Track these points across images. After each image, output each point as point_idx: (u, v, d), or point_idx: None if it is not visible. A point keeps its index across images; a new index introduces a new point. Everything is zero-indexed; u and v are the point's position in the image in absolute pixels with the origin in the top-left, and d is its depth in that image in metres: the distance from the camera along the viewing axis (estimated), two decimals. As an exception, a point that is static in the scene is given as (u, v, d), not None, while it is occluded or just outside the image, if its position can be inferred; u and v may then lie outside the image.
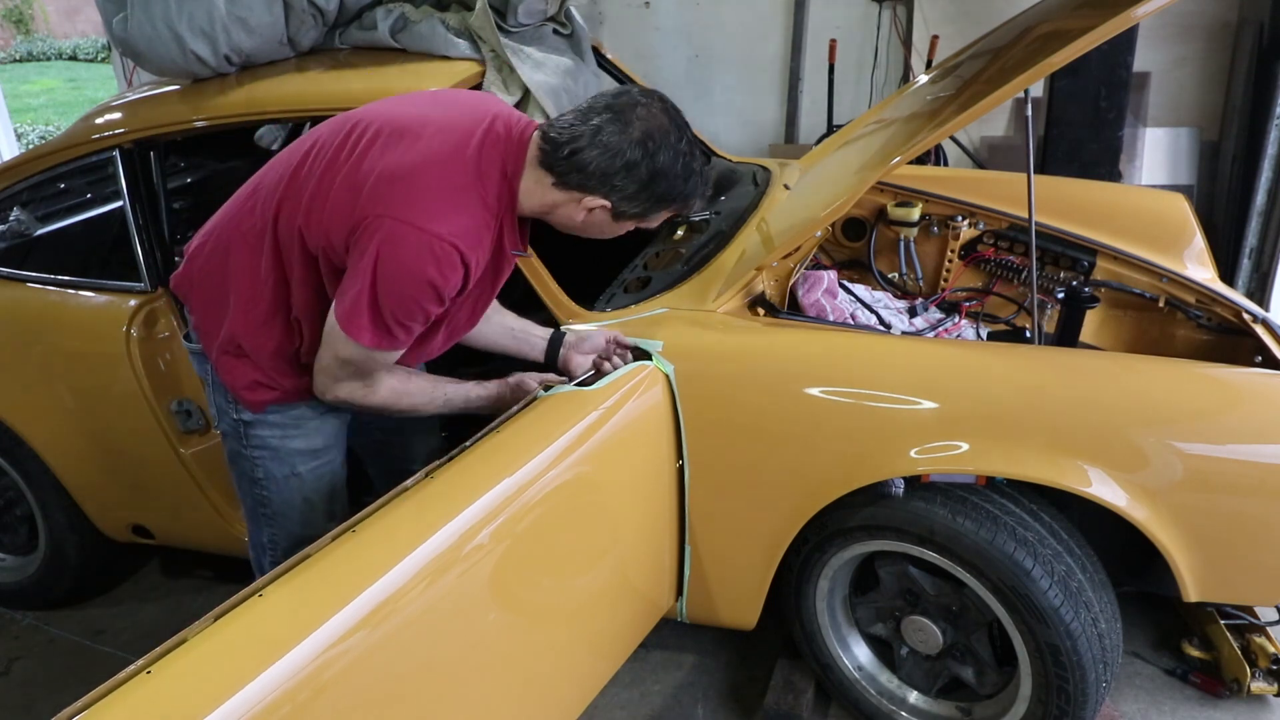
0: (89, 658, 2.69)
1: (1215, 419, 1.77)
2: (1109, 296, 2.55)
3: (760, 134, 5.09)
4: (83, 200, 2.99)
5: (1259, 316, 2.21)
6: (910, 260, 2.84)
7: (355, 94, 2.23)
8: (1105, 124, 3.77)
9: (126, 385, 2.40)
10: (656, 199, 1.60)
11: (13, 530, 2.86)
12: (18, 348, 2.57)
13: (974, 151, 4.49)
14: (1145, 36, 3.86)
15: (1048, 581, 1.78)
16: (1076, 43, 1.69)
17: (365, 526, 1.41)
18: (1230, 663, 2.16)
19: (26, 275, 2.59)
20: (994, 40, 2.43)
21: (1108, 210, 2.62)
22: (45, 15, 14.04)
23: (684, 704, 2.35)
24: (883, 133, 2.40)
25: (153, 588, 2.98)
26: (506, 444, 1.63)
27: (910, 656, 2.12)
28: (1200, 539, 1.74)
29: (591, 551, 1.81)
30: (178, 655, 1.18)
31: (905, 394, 1.82)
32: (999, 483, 1.86)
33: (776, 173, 2.75)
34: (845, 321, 2.42)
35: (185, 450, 2.46)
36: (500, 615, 1.57)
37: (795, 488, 1.91)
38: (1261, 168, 3.63)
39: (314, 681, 1.22)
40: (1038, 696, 1.90)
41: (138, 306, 2.39)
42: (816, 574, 2.06)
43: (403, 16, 2.41)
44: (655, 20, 5.07)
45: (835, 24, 4.76)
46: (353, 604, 1.29)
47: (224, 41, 2.29)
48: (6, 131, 5.41)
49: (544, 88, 2.31)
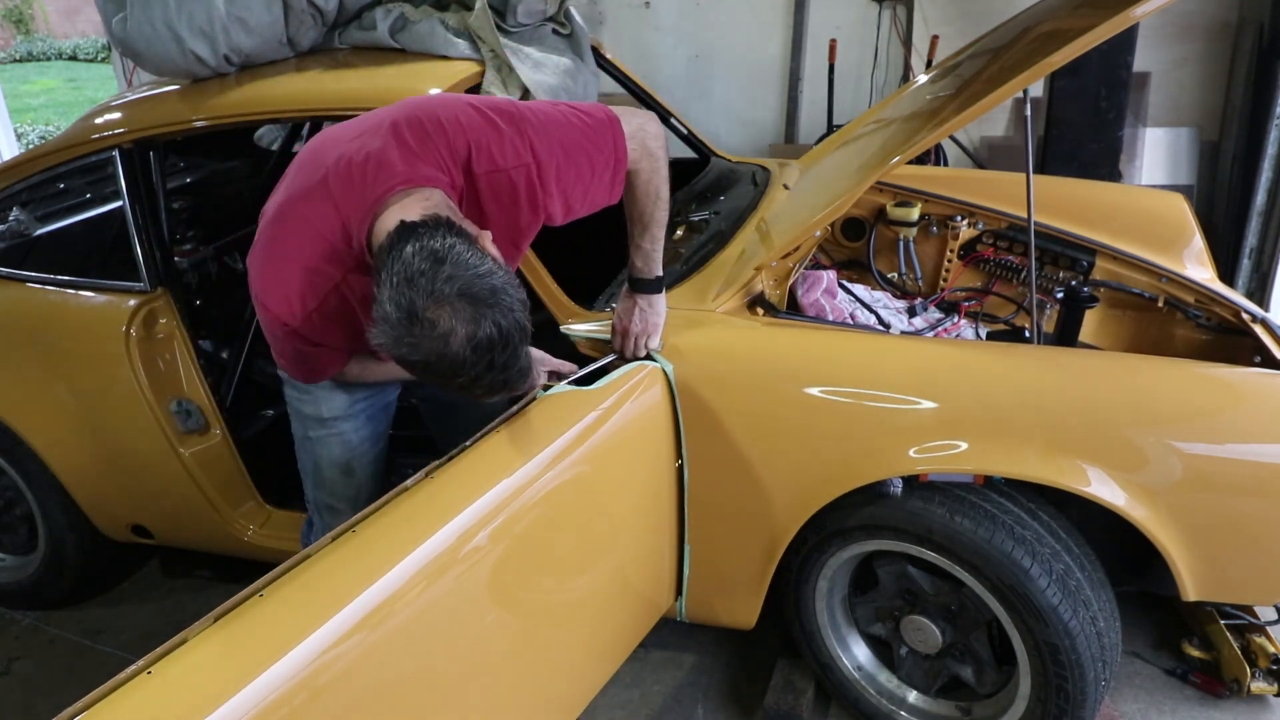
0: (89, 658, 2.69)
1: (1214, 418, 1.78)
2: (1108, 296, 2.55)
3: (760, 134, 5.09)
4: (82, 200, 2.99)
5: (1258, 316, 2.21)
6: (909, 260, 2.84)
7: (355, 94, 2.23)
8: (1105, 124, 3.77)
9: (126, 385, 2.40)
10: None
11: (12, 530, 2.86)
12: (18, 348, 2.58)
13: (974, 151, 4.49)
14: (1145, 36, 3.86)
15: (1046, 580, 1.78)
16: (1076, 42, 1.69)
17: (365, 526, 1.41)
18: (1230, 663, 2.16)
19: (26, 275, 2.59)
20: (994, 40, 2.43)
21: (1107, 210, 2.62)
22: (45, 15, 14.05)
23: (684, 704, 2.35)
24: (882, 133, 2.40)
25: (153, 588, 2.98)
26: (505, 444, 1.63)
27: (909, 656, 2.12)
28: (1199, 538, 1.74)
29: (591, 551, 1.81)
30: (178, 655, 1.18)
31: (904, 394, 1.82)
32: (997, 482, 1.86)
33: (776, 173, 2.75)
34: (844, 321, 2.43)
35: (185, 450, 2.47)
36: (499, 615, 1.57)
37: (794, 487, 1.91)
38: (1261, 168, 3.63)
39: (314, 681, 1.22)
40: (1037, 695, 1.90)
41: (137, 306, 2.39)
42: (816, 574, 2.06)
43: (402, 16, 2.41)
44: (655, 20, 5.07)
45: (835, 24, 4.76)
46: (353, 604, 1.29)
47: (223, 41, 2.29)
48: (6, 131, 5.41)
49: (543, 88, 2.31)
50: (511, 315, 1.36)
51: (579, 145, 1.61)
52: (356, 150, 1.54)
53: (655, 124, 1.75)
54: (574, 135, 1.61)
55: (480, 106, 1.59)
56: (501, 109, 1.60)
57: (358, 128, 1.62)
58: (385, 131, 1.54)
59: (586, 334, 2.04)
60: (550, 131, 1.59)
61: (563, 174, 1.59)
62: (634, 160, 1.70)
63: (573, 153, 1.60)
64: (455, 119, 1.55)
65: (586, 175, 1.63)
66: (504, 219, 1.59)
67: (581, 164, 1.62)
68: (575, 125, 1.62)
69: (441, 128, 1.53)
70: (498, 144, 1.54)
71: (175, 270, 2.51)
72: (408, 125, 1.54)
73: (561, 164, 1.58)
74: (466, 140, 1.54)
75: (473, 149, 1.54)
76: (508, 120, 1.57)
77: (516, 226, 1.61)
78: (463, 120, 1.55)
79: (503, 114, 1.58)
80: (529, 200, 1.57)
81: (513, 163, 1.55)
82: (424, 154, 1.51)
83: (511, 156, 1.55)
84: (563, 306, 2.12)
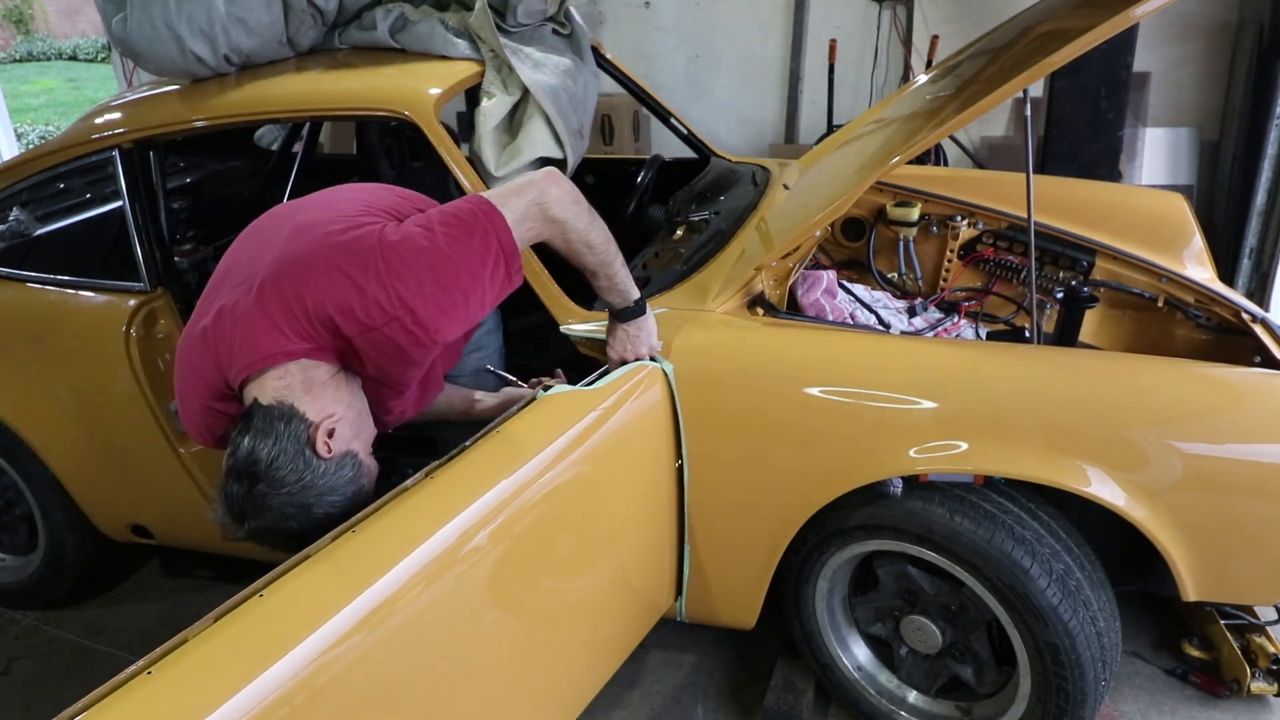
0: (89, 658, 2.69)
1: (1214, 418, 1.77)
2: (1108, 296, 2.55)
3: (760, 134, 5.09)
4: (82, 200, 2.99)
5: (1258, 316, 2.21)
6: (909, 260, 2.84)
7: (355, 94, 2.23)
8: (1105, 124, 3.77)
9: (126, 385, 2.40)
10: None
11: (12, 530, 2.86)
12: (18, 348, 2.57)
13: (974, 151, 4.49)
14: (1145, 36, 3.86)
15: (1046, 580, 1.78)
16: (1076, 42, 1.69)
17: (365, 526, 1.42)
18: (1230, 663, 2.16)
19: (26, 275, 2.59)
20: (994, 40, 2.43)
21: (1107, 210, 2.62)
22: (45, 15, 14.06)
23: (684, 704, 2.35)
24: (882, 132, 2.40)
25: (153, 588, 2.98)
26: (506, 444, 1.63)
27: (909, 656, 2.12)
28: (1199, 538, 1.74)
29: (591, 551, 1.81)
30: (178, 655, 1.18)
31: (904, 394, 1.82)
32: (997, 482, 1.86)
33: (776, 173, 2.75)
34: (844, 321, 2.43)
35: (185, 450, 2.47)
36: (499, 616, 1.57)
37: (794, 487, 1.91)
38: (1261, 168, 3.63)
39: (314, 681, 1.22)
40: (1037, 695, 1.90)
41: (137, 306, 2.39)
42: (816, 574, 2.06)
43: (402, 16, 2.41)
44: (655, 20, 5.07)
45: (835, 24, 4.76)
46: (353, 604, 1.30)
47: (223, 41, 2.29)
48: (6, 131, 5.41)
49: (543, 88, 2.31)
50: (329, 512, 1.52)
51: (456, 269, 1.56)
52: (232, 305, 1.55)
53: (552, 188, 1.68)
54: (448, 262, 1.56)
55: (343, 263, 1.53)
56: (367, 261, 1.53)
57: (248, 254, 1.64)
58: (255, 288, 1.55)
59: (586, 334, 2.04)
60: (420, 271, 1.54)
61: (444, 306, 1.55)
62: (535, 237, 1.68)
63: (450, 280, 1.56)
64: (315, 283, 1.52)
65: (475, 289, 1.59)
66: (395, 361, 1.58)
67: (464, 283, 1.57)
68: (446, 251, 1.56)
69: (301, 295, 1.51)
70: (361, 305, 1.51)
71: (175, 270, 2.51)
72: (271, 291, 1.53)
73: (439, 298, 1.54)
74: (328, 309, 1.51)
75: (335, 315, 1.51)
76: (371, 275, 1.52)
77: (411, 362, 1.60)
78: (322, 284, 1.52)
79: (367, 268, 1.53)
80: (412, 344, 1.55)
81: (380, 321, 1.51)
82: (285, 322, 1.51)
83: (378, 315, 1.51)
84: (563, 306, 2.12)
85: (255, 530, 1.51)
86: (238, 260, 1.67)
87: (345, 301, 1.51)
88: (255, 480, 1.48)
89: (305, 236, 1.61)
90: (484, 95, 2.30)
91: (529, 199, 1.66)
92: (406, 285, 1.52)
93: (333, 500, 1.53)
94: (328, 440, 1.52)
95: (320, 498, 1.51)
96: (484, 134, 2.25)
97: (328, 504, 1.52)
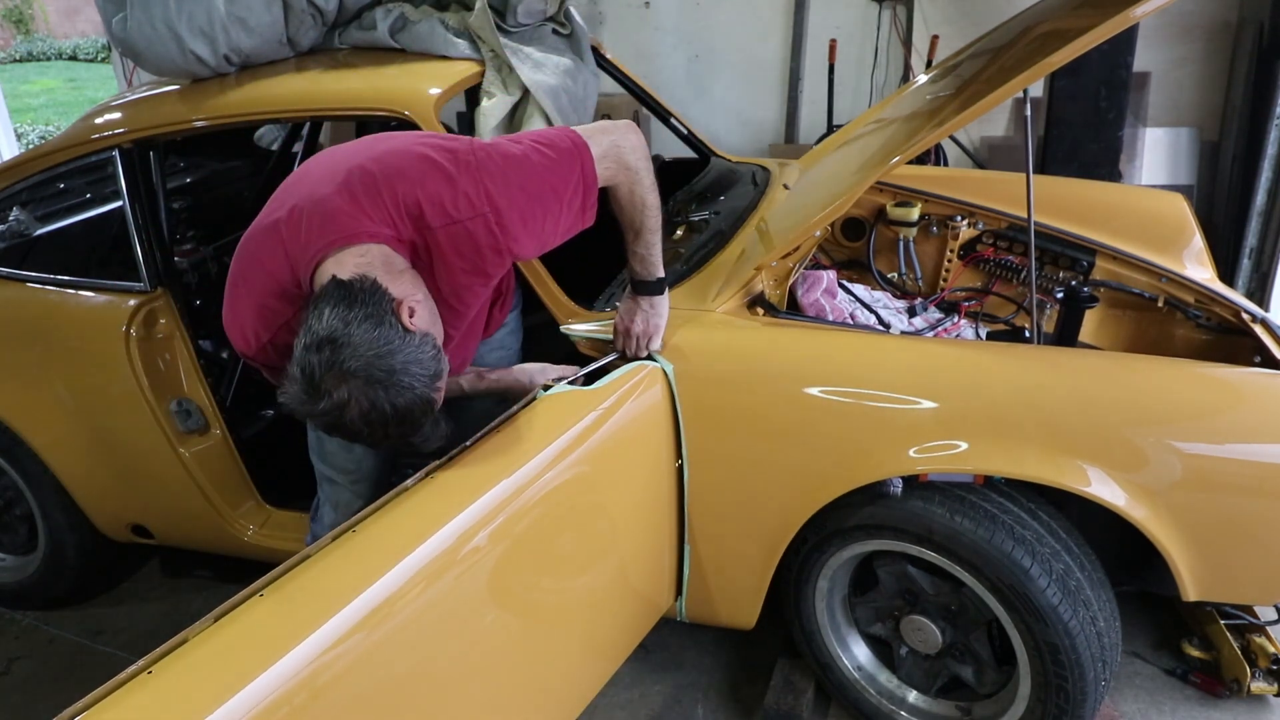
0: (89, 658, 2.69)
1: (1214, 418, 1.77)
2: (1108, 296, 2.55)
3: (760, 134, 5.09)
4: (82, 200, 2.99)
5: (1258, 316, 2.21)
6: (909, 260, 2.84)
7: (355, 94, 2.23)
8: (1105, 124, 3.77)
9: (126, 385, 2.40)
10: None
11: (13, 530, 2.86)
12: (18, 348, 2.58)
13: (974, 151, 4.49)
14: (1145, 36, 3.86)
15: (1046, 580, 1.78)
16: (1076, 42, 1.69)
17: (365, 526, 1.42)
18: (1230, 663, 2.16)
19: (26, 275, 2.59)
20: (994, 40, 2.43)
21: (1107, 210, 2.62)
22: (45, 15, 14.05)
23: (684, 704, 2.35)
24: (882, 132, 2.40)
25: (153, 588, 2.98)
26: (505, 444, 1.63)
27: (909, 656, 2.12)
28: (1199, 538, 1.74)
29: (591, 551, 1.81)
30: (178, 655, 1.18)
31: (904, 394, 1.82)
32: (997, 482, 1.86)
33: (776, 173, 2.75)
34: (844, 321, 2.43)
35: (185, 450, 2.47)
36: (499, 615, 1.57)
37: (794, 487, 1.91)
38: (1261, 168, 3.63)
39: (314, 681, 1.22)
40: (1037, 695, 1.90)
41: (137, 306, 2.39)
42: (816, 574, 2.06)
43: (402, 16, 2.41)
44: (655, 20, 5.07)
45: (835, 24, 4.76)
46: (353, 604, 1.30)
47: (223, 41, 2.29)
48: (6, 131, 5.42)
49: (543, 87, 2.31)
50: (410, 393, 1.43)
51: (542, 182, 1.60)
52: (308, 197, 1.55)
53: (631, 136, 1.73)
54: (535, 173, 1.60)
55: (436, 157, 1.57)
56: (460, 157, 1.57)
57: (323, 168, 1.63)
58: (339, 179, 1.55)
59: (586, 334, 2.04)
60: (509, 175, 1.57)
61: (526, 215, 1.58)
62: (610, 179, 1.70)
63: (535, 191, 1.59)
64: (408, 171, 1.54)
65: (555, 209, 1.62)
66: (467, 266, 1.59)
67: (547, 200, 1.60)
68: (536, 163, 1.60)
69: (391, 181, 1.53)
70: (450, 196, 1.53)
71: (175, 270, 2.51)
72: (359, 176, 1.54)
73: (523, 206, 1.57)
74: (417, 196, 1.52)
75: (424, 203, 1.53)
76: (464, 169, 1.55)
77: (482, 271, 1.61)
78: (415, 173, 1.54)
79: (459, 162, 1.56)
80: (491, 247, 1.57)
81: (467, 214, 1.54)
82: (371, 207, 1.52)
83: (465, 208, 1.53)
84: (563, 306, 2.12)
85: (331, 407, 1.40)
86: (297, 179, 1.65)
87: (436, 191, 1.52)
88: (337, 347, 1.39)
89: (394, 140, 1.63)
90: (484, 95, 2.30)
91: (611, 139, 1.70)
92: (496, 185, 1.55)
93: (417, 373, 1.44)
94: (410, 318, 1.46)
95: (405, 365, 1.42)
96: (484, 134, 2.26)
97: (411, 376, 1.43)
